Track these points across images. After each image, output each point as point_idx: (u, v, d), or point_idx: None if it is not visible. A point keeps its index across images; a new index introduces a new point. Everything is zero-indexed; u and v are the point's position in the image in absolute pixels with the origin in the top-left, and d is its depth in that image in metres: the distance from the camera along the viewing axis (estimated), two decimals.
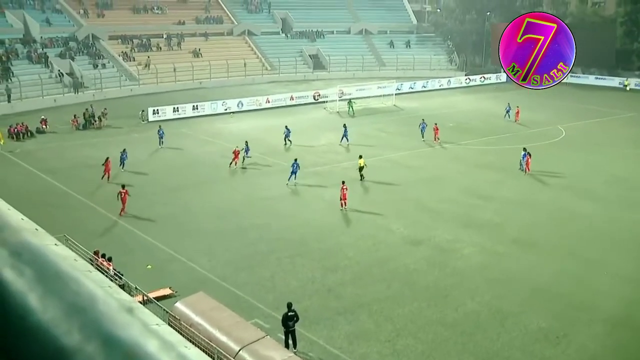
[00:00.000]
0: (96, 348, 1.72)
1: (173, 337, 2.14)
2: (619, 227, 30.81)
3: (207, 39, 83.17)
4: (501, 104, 66.05)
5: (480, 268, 26.11)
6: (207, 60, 76.33)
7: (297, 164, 36.80)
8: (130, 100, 64.77)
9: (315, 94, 67.59)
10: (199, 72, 74.51)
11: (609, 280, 25.05)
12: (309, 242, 28.72)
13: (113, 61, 73.13)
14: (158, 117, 56.28)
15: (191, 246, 27.96)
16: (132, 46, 76.56)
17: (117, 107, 59.29)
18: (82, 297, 1.88)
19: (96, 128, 53.23)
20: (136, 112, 56.22)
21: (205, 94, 66.47)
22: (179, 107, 58.21)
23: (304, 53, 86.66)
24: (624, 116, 61.45)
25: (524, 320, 21.84)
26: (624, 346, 20.46)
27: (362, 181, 37.14)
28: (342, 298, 23.34)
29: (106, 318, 1.85)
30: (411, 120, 57.65)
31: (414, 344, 20.29)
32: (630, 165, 42.85)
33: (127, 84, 70.35)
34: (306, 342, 20.15)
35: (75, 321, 1.76)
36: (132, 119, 55.54)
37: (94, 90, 66.42)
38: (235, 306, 20.51)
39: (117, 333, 1.80)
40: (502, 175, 39.85)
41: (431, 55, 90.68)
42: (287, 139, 46.45)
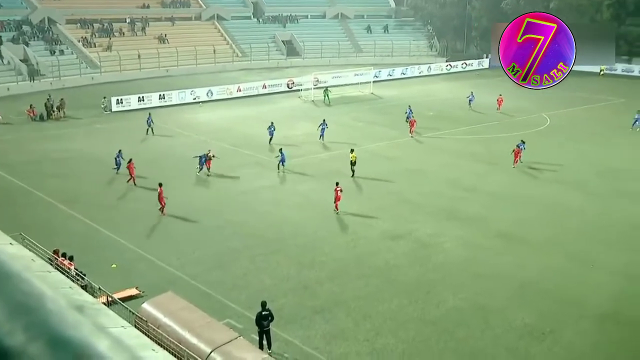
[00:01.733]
0: (42, 348, 1.70)
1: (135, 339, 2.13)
2: (609, 221, 31.29)
3: (173, 23, 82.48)
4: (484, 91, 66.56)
5: (464, 263, 26.34)
6: (173, 46, 75.73)
7: (283, 153, 37.32)
8: (92, 89, 64.00)
9: (289, 82, 67.46)
10: (166, 59, 73.89)
11: (598, 274, 25.45)
12: (284, 238, 28.71)
13: (72, 47, 72.12)
14: (122, 107, 55.77)
15: (159, 244, 27.78)
16: (92, 31, 75.58)
17: (77, 96, 58.60)
18: (30, 298, 1.86)
19: (55, 119, 52.51)
20: (98, 101, 55.57)
21: (172, 83, 65.98)
22: (145, 97, 57.71)
23: (277, 39, 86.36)
24: (613, 102, 62.39)
25: (509, 316, 22.10)
26: (612, 342, 20.81)
27: (353, 177, 36.78)
28: (319, 296, 23.39)
29: (54, 318, 1.83)
30: (390, 109, 57.92)
31: (394, 343, 20.42)
32: (620, 154, 43.53)
33: (87, 71, 69.53)
34: (281, 342, 20.17)
35: (19, 322, 1.74)
36: (94, 109, 54.88)
37: (52, 79, 65.47)
38: (207, 306, 20.44)
39: (65, 333, 1.79)
40: (486, 166, 40.22)
41: (410, 40, 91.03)
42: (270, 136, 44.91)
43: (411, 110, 49.91)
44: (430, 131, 48.54)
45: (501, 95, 57.30)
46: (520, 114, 56.02)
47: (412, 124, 47.24)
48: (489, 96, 59.83)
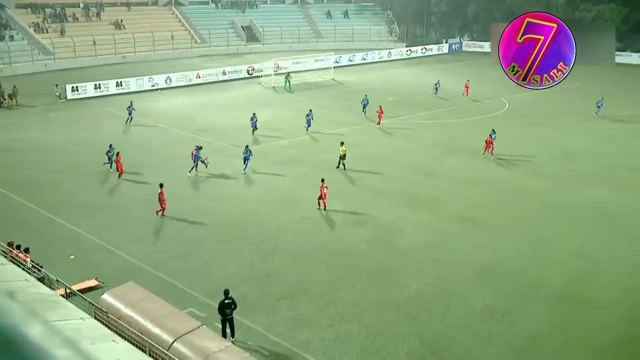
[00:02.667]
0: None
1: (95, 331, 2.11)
2: (565, 203, 32.01)
3: (129, 9, 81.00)
4: (444, 76, 67.16)
5: (425, 247, 26.69)
6: (130, 32, 74.45)
7: (250, 151, 35.61)
8: (45, 76, 62.56)
9: (249, 68, 67.04)
10: (122, 46, 72.64)
11: (555, 256, 26.07)
12: (246, 226, 28.66)
13: (23, 33, 70.15)
14: (78, 94, 54.73)
15: (119, 234, 27.45)
16: (44, 16, 73.72)
17: (30, 84, 57.18)
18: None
19: (7, 107, 51.25)
20: (52, 89, 54.38)
21: (129, 69, 64.93)
22: (101, 84, 56.69)
23: (236, 24, 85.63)
24: (567, 87, 63.42)
25: (470, 299, 22.51)
26: (568, 322, 21.37)
27: (345, 170, 35.85)
28: (282, 283, 23.46)
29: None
30: (350, 95, 58.06)
31: (357, 328, 20.62)
32: (576, 138, 44.47)
33: (40, 58, 67.90)
34: (245, 330, 20.20)
35: None
36: (48, 97, 53.71)
37: (2, 65, 63.74)
38: (169, 296, 20.31)
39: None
40: (447, 151, 40.68)
41: (370, 25, 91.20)
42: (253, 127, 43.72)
43: (368, 100, 49.11)
44: (391, 117, 48.80)
45: (469, 81, 57.85)
46: (479, 98, 56.73)
47: (380, 115, 46.37)
48: (451, 82, 60.48)
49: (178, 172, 35.85)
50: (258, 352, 18.92)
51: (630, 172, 36.70)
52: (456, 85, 60.09)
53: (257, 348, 19.28)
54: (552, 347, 19.87)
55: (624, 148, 41.80)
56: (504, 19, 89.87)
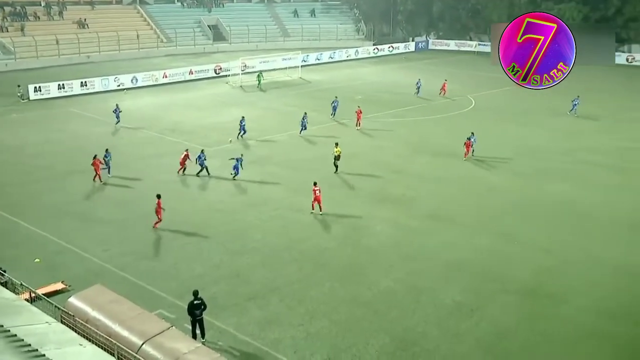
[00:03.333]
0: None
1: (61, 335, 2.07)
2: (531, 198, 32.46)
3: (93, 7, 79.83)
4: (411, 74, 67.58)
5: (394, 245, 26.83)
6: (94, 31, 73.36)
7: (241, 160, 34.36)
8: (6, 76, 61.28)
9: (216, 67, 66.61)
10: (86, 45, 71.53)
11: (521, 251, 26.44)
12: (214, 225, 28.49)
13: None
14: (41, 95, 53.74)
15: (85, 236, 27.06)
16: (3, 14, 72.19)
17: None
18: None
19: None
20: (13, 89, 53.31)
21: (94, 69, 64.03)
22: (65, 84, 55.73)
23: (203, 23, 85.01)
24: None
25: (439, 295, 22.70)
26: (534, 316, 21.70)
27: (336, 173, 35.23)
28: (252, 283, 23.38)
29: None
30: (318, 94, 58.11)
31: (328, 326, 20.65)
32: (540, 134, 45.09)
33: (0, 57, 66.52)
34: (215, 330, 20.09)
35: None
36: (10, 97, 52.65)
37: None
38: (137, 297, 20.09)
39: None
40: (415, 149, 40.95)
41: (337, 24, 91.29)
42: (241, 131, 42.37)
43: (338, 101, 48.55)
44: None
45: (446, 80, 58.07)
46: (446, 96, 57.15)
47: (359, 115, 45.53)
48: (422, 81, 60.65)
49: (145, 172, 35.48)
50: (228, 352, 18.83)
51: (593, 167, 37.35)
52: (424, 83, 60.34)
53: (228, 348, 19.19)
54: (519, 342, 20.16)
55: (589, 145, 42.54)
56: (468, 18, 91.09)
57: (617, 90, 61.79)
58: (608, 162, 38.27)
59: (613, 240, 27.66)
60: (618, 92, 60.83)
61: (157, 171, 35.76)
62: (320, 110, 51.04)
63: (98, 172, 33.15)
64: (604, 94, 58.81)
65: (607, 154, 40.24)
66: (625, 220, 29.79)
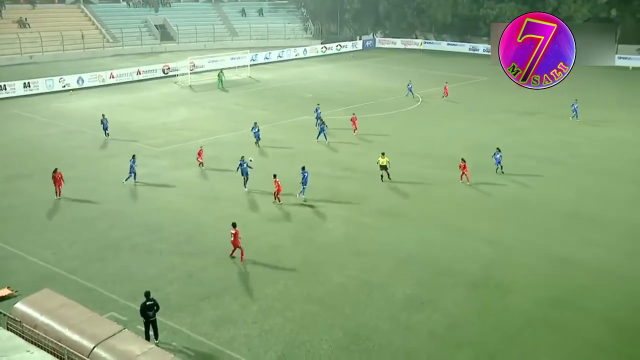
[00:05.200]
0: None
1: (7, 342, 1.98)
2: (477, 193, 33.05)
3: (34, 6, 77.73)
4: (359, 72, 68.06)
5: (347, 241, 26.95)
6: (36, 31, 71.42)
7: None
8: None
9: (164, 67, 65.71)
10: (28, 45, 69.63)
11: (470, 244, 26.90)
12: (166, 226, 28.09)
13: None
14: None
15: (32, 240, 26.34)
16: None
17: None
18: None
19: None
20: None
21: (37, 70, 62.34)
22: (7, 85, 54.11)
23: (150, 23, 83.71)
24: (477, 81, 65.70)
25: (391, 289, 22.91)
26: (484, 307, 22.12)
27: (388, 180, 33.96)
28: (205, 283, 23.15)
29: None
30: (268, 92, 57.97)
31: (282, 323, 20.62)
32: (486, 130, 45.95)
33: None
34: (169, 331, 19.83)
35: None
36: None
37: None
38: (88, 301, 19.69)
39: None
40: (365, 147, 41.20)
41: (285, 23, 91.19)
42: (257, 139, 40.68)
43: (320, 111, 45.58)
44: (308, 113, 48.96)
45: (447, 82, 57.87)
46: (392, 94, 57.71)
47: (354, 122, 43.65)
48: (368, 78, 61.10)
49: (94, 174, 34.75)
50: (183, 352, 18.62)
51: (535, 162, 38.25)
52: (373, 81, 60.93)
53: (182, 348, 18.98)
54: (470, 332, 20.51)
55: (532, 139, 43.56)
56: (413, 16, 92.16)
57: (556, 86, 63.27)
58: (548, 156, 39.26)
59: (553, 231, 28.42)
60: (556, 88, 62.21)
61: (107, 173, 35.07)
62: (269, 109, 50.97)
63: (58, 186, 30.69)
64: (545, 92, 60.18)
65: (547, 147, 41.28)
66: (565, 212, 30.66)
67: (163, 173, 34.74)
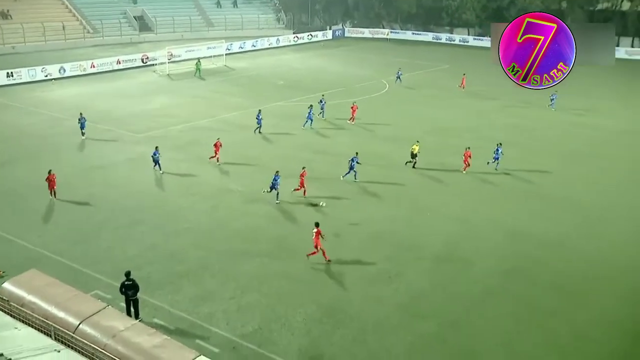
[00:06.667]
0: None
1: None
2: (442, 173, 33.30)
3: None
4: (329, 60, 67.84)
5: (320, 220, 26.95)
6: (18, 22, 69.73)
7: (356, 159, 31.31)
8: None
9: (143, 56, 64.71)
10: (11, 36, 67.97)
11: (435, 221, 27.22)
12: (147, 208, 27.89)
13: None
14: None
15: (19, 223, 25.97)
16: None
17: None
18: None
19: None
20: None
21: (20, 60, 60.82)
22: None
23: (129, 14, 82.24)
24: (441, 68, 65.95)
25: (361, 264, 23.10)
26: (446, 278, 22.44)
27: (415, 168, 33.64)
28: (185, 261, 23.09)
29: None
30: (243, 80, 57.56)
31: (258, 299, 20.69)
32: (449, 114, 46.24)
33: None
34: (150, 308, 19.77)
35: None
36: None
37: None
38: (73, 280, 19.49)
39: None
40: (333, 130, 41.20)
41: (259, 14, 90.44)
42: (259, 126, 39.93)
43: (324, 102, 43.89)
44: (281, 99, 48.76)
45: (465, 74, 56.07)
46: (361, 80, 57.67)
47: (354, 111, 42.74)
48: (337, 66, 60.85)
49: (76, 160, 34.29)
50: (164, 327, 18.58)
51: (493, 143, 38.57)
52: (342, 69, 60.63)
53: (164, 324, 18.93)
54: (434, 302, 20.83)
55: (491, 122, 43.97)
56: (381, 7, 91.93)
57: None
58: (506, 138, 39.59)
59: (511, 208, 28.88)
60: None
61: (89, 158, 34.62)
62: (245, 95, 50.65)
63: (53, 187, 28.55)
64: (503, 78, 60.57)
65: (504, 130, 41.69)
66: (522, 190, 31.13)
67: (143, 158, 34.36)
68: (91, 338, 14.17)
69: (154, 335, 14.43)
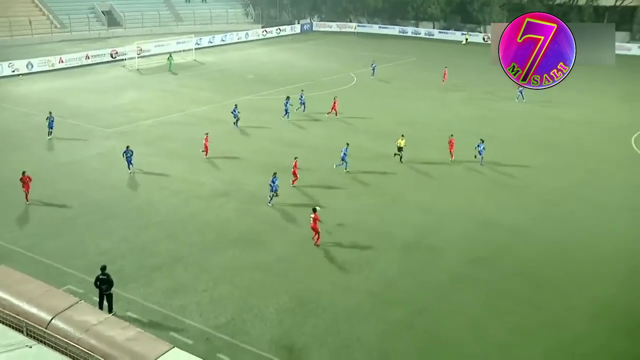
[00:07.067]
0: None
1: None
2: (409, 164, 33.46)
3: None
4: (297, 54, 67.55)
5: (289, 212, 26.95)
6: None
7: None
8: None
9: (112, 51, 63.68)
10: None
11: (404, 211, 27.37)
12: (118, 203, 27.51)
13: None
14: None
15: None
16: None
17: None
18: None
19: None
20: None
21: None
22: None
23: (97, 9, 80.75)
24: (407, 61, 66.24)
25: (332, 254, 23.15)
26: (415, 267, 22.62)
27: (401, 162, 33.37)
28: (157, 254, 22.86)
29: None
30: (212, 75, 57.06)
31: (230, 290, 20.59)
32: (419, 107, 46.51)
33: None
34: (123, 301, 19.54)
35: None
36: None
37: None
38: (45, 276, 19.14)
39: None
40: (306, 122, 41.12)
41: (227, 9, 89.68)
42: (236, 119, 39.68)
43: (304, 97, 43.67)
44: (251, 93, 48.49)
45: (446, 67, 56.13)
46: (329, 73, 57.62)
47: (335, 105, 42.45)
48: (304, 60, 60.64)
49: (46, 155, 33.65)
50: (138, 320, 18.38)
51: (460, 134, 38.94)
52: (311, 62, 60.36)
53: (137, 317, 18.73)
54: (404, 290, 20.98)
55: (457, 114, 44.33)
56: (348, 1, 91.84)
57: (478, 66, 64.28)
58: (473, 129, 40.00)
59: (478, 198, 29.19)
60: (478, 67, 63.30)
61: (59, 153, 33.99)
62: (214, 89, 50.22)
63: (26, 190, 27.29)
64: (468, 70, 61.27)
65: (471, 121, 42.10)
66: (488, 179, 31.51)
67: (113, 153, 33.85)
68: (64, 333, 13.92)
69: (128, 328, 14.24)
